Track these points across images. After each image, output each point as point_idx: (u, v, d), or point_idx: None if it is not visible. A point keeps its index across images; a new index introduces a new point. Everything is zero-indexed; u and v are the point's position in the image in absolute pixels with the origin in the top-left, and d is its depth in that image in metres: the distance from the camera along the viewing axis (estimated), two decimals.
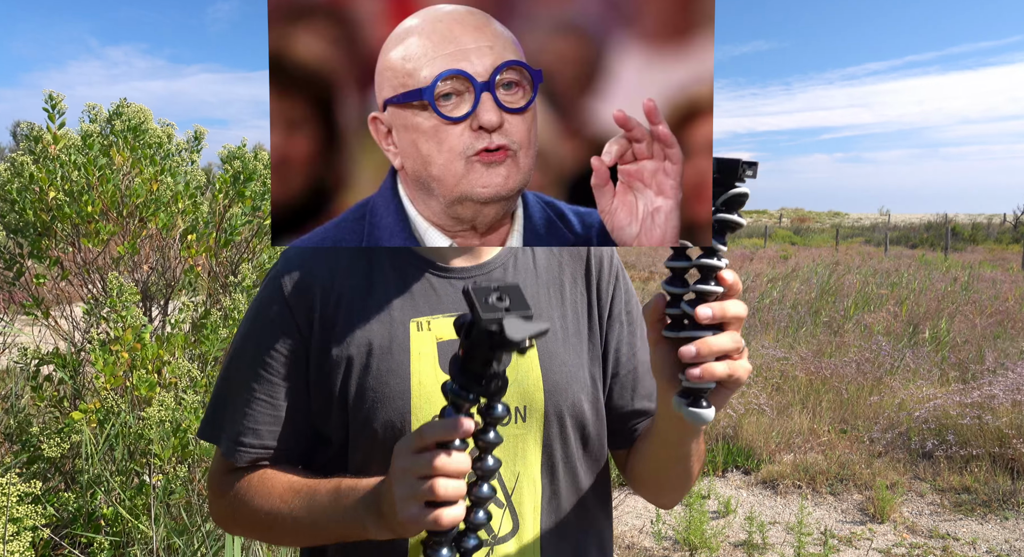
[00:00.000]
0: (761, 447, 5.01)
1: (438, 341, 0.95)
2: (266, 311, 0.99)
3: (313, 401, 0.97)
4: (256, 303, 1.01)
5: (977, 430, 4.84)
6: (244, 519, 0.97)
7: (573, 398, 0.99)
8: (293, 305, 0.97)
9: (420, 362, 0.94)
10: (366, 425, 0.92)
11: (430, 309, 0.96)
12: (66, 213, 2.88)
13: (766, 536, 3.84)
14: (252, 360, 0.98)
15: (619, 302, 1.07)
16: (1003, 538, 3.93)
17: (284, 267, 1.00)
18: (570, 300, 1.04)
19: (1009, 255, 21.61)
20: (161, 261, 3.19)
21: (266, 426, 0.96)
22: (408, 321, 0.95)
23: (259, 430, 0.96)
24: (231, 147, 3.28)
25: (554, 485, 0.99)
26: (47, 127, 2.96)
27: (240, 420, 0.97)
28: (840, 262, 15.70)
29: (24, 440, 2.61)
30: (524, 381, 0.97)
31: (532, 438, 0.97)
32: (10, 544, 1.95)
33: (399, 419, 0.91)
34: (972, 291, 10.62)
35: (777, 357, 6.66)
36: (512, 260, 1.03)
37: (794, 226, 44.02)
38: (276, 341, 0.97)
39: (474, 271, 1.00)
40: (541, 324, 0.66)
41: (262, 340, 0.98)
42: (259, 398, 0.97)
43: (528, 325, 0.65)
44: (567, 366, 1.00)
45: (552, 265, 1.05)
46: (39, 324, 3.13)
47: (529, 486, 0.97)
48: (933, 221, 36.79)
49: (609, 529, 1.09)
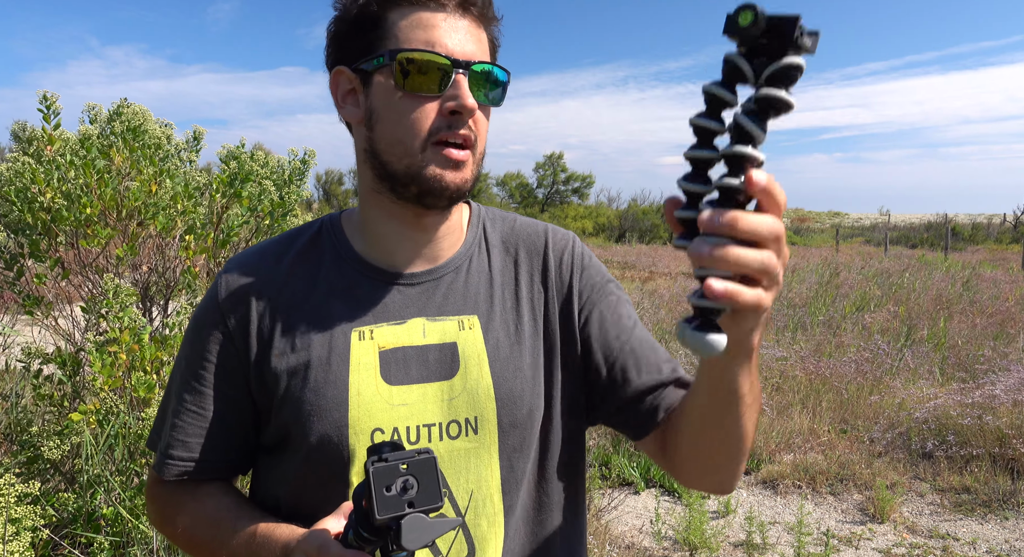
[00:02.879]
0: (761, 447, 5.01)
1: (380, 350, 0.91)
2: (200, 321, 0.97)
3: (254, 410, 0.95)
4: (194, 314, 0.99)
5: (977, 430, 4.84)
6: (169, 532, 0.98)
7: (530, 405, 0.94)
8: (227, 313, 0.94)
9: (359, 373, 0.90)
10: (303, 436, 0.89)
11: (374, 318, 0.93)
12: (64, 216, 2.88)
13: (766, 536, 3.84)
14: (185, 371, 0.97)
15: (587, 288, 1.01)
16: (1003, 538, 3.93)
17: (222, 275, 0.98)
18: (527, 299, 0.99)
19: (1009, 255, 21.61)
20: (160, 262, 3.19)
21: (195, 438, 0.95)
22: (350, 330, 0.92)
23: (188, 442, 0.95)
24: (230, 147, 3.28)
25: (516, 503, 0.94)
26: (42, 128, 2.95)
27: (170, 432, 0.96)
28: (840, 262, 15.69)
29: (23, 441, 2.61)
30: (474, 390, 0.92)
31: (487, 452, 0.91)
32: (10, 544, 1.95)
33: (336, 431, 0.88)
34: (972, 291, 10.61)
35: (777, 357, 6.66)
36: (466, 263, 0.99)
37: (794, 226, 44.00)
38: (208, 352, 0.95)
39: (424, 276, 0.96)
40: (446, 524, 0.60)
41: (194, 351, 0.96)
42: (189, 409, 0.95)
43: (431, 527, 0.59)
44: (521, 371, 0.94)
45: (508, 265, 1.01)
46: (39, 324, 3.13)
47: (486, 505, 0.91)
48: (933, 221, 36.77)
49: (581, 545, 1.04)
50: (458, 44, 0.86)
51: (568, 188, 42.89)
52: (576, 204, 41.12)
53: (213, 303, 0.96)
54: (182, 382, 0.96)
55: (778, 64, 0.52)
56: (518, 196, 43.25)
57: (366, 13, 0.89)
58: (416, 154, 0.87)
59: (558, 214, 36.52)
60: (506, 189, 43.70)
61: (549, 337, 0.99)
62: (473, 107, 0.86)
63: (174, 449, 0.95)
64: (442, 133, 0.86)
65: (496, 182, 43.41)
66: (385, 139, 0.89)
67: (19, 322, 4.73)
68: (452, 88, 0.86)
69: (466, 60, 0.86)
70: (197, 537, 0.94)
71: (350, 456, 0.88)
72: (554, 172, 42.86)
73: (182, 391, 0.96)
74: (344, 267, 0.96)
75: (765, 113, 0.54)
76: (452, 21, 0.87)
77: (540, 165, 43.15)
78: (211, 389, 0.94)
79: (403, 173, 0.89)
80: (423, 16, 0.87)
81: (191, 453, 0.95)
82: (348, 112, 0.94)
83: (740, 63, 0.54)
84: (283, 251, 0.99)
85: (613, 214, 37.81)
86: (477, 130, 0.89)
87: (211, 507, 0.95)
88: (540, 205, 41.65)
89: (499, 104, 0.93)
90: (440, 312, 0.95)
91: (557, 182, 42.89)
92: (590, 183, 42.71)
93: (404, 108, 0.87)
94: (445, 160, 0.87)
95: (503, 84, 0.92)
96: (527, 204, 41.87)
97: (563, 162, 42.92)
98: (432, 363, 0.92)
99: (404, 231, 0.95)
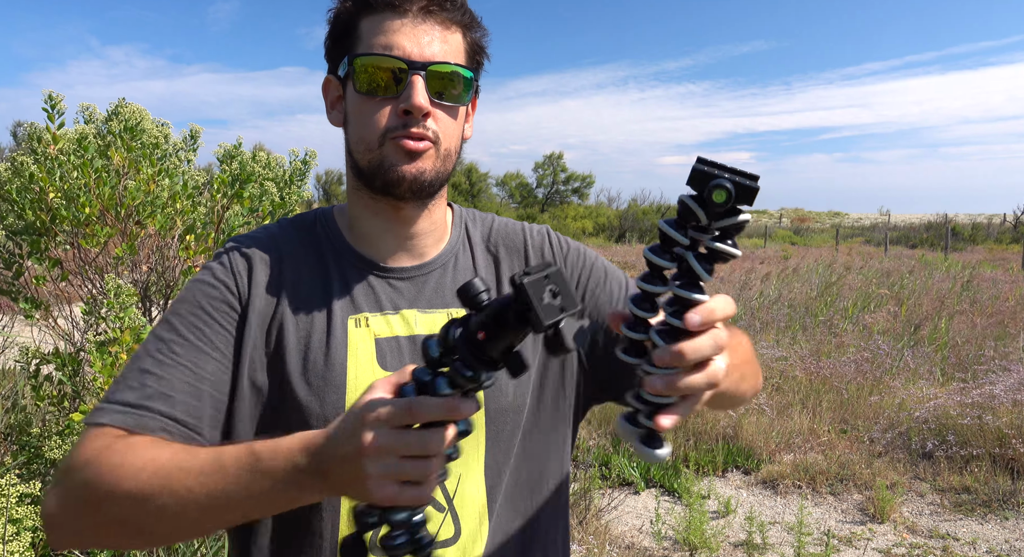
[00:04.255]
0: (761, 447, 5.01)
1: (376, 338, 0.94)
2: (207, 279, 0.94)
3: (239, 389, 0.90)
4: (196, 277, 0.97)
5: (977, 430, 4.84)
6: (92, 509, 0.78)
7: (515, 393, 0.97)
8: (228, 285, 0.94)
9: (357, 358, 0.93)
10: (300, 417, 0.89)
11: (368, 307, 0.96)
12: (63, 216, 2.88)
13: (766, 536, 3.84)
14: (183, 323, 0.90)
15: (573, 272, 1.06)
16: (1003, 538, 3.93)
17: (222, 251, 0.99)
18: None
19: (1009, 255, 21.61)
20: (160, 261, 3.19)
21: (181, 394, 0.85)
22: (347, 317, 0.95)
23: (173, 398, 0.84)
24: (227, 146, 3.27)
25: (498, 487, 0.97)
26: (46, 127, 2.96)
27: (152, 383, 0.85)
28: (840, 262, 15.70)
29: (23, 442, 2.61)
30: None
31: (473, 438, 0.94)
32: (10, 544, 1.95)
33: (333, 414, 0.89)
34: (972, 291, 10.61)
35: (777, 357, 6.66)
36: (453, 260, 1.03)
37: (794, 226, 44.03)
38: (211, 310, 0.91)
39: (413, 271, 1.00)
40: (583, 321, 0.62)
41: (198, 305, 0.92)
42: (182, 363, 0.87)
43: (574, 324, 0.60)
44: None
45: (489, 263, 1.05)
46: (39, 324, 3.13)
47: (472, 489, 0.95)
48: (933, 221, 36.79)
49: (562, 533, 1.06)
50: (417, 46, 0.90)
51: (568, 188, 42.87)
52: (576, 204, 41.10)
53: (224, 266, 0.96)
54: (175, 334, 0.89)
55: (734, 220, 0.61)
56: (518, 196, 43.23)
57: (341, 23, 0.95)
58: (375, 149, 0.92)
59: (558, 214, 36.50)
60: (506, 189, 43.69)
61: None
62: (422, 107, 0.89)
63: (153, 402, 0.84)
64: (397, 131, 0.91)
65: (496, 182, 43.41)
66: (353, 139, 0.96)
67: (18, 322, 4.73)
68: (406, 89, 0.90)
69: (424, 61, 0.90)
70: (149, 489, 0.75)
71: None
72: (554, 172, 42.85)
73: (172, 343, 0.88)
74: (338, 258, 0.99)
75: (713, 260, 0.63)
76: (414, 25, 0.91)
77: (540, 165, 43.14)
78: (209, 348, 0.89)
79: (367, 168, 0.94)
80: (386, 20, 0.91)
81: (172, 410, 0.84)
82: (334, 117, 1.01)
83: (695, 208, 0.61)
84: (282, 236, 1.01)
85: (613, 214, 37.81)
86: (438, 127, 0.93)
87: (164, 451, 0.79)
88: (540, 205, 41.63)
89: (463, 103, 0.96)
90: (430, 305, 0.99)
91: (557, 182, 42.88)
92: (590, 183, 42.70)
93: (365, 109, 0.93)
94: (399, 150, 0.91)
95: (466, 83, 0.95)
96: (527, 204, 41.86)
97: (563, 162, 42.91)
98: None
99: (386, 225, 0.99)
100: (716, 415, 5.21)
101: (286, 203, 3.32)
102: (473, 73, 0.96)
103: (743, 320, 8.34)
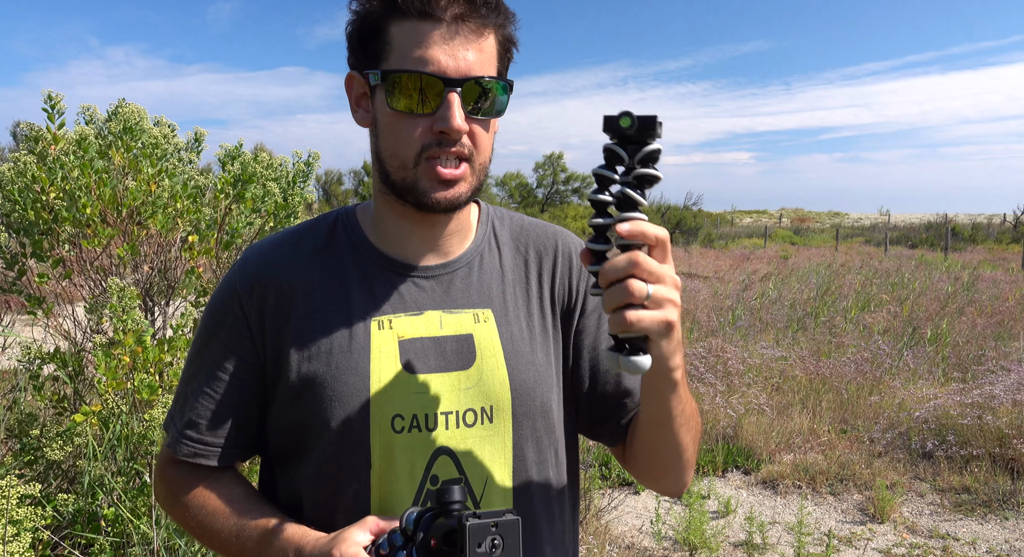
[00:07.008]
0: (761, 447, 5.01)
1: (400, 339, 0.94)
2: (218, 306, 1.00)
3: (269, 396, 0.98)
4: (211, 299, 1.02)
5: (977, 430, 4.84)
6: (179, 514, 1.00)
7: (542, 398, 0.97)
8: (245, 300, 0.97)
9: (380, 360, 0.93)
10: (324, 422, 0.91)
11: (392, 308, 0.96)
12: (64, 216, 2.89)
13: (766, 536, 3.84)
14: (201, 354, 1.00)
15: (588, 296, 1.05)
16: (1003, 538, 3.94)
17: (241, 263, 1.00)
18: (536, 298, 1.02)
19: (1009, 255, 21.61)
20: (162, 262, 3.19)
21: (204, 421, 0.97)
22: (369, 319, 0.94)
23: (199, 424, 0.97)
24: (228, 147, 3.28)
25: (523, 489, 0.97)
26: (47, 127, 2.96)
27: (186, 413, 0.98)
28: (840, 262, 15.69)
29: (24, 442, 2.61)
30: (490, 380, 0.95)
31: (500, 440, 0.95)
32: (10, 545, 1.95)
33: (357, 416, 0.91)
34: (972, 291, 10.61)
35: (776, 357, 6.66)
36: (478, 259, 1.02)
37: (794, 226, 44.02)
38: (225, 337, 0.97)
39: (438, 270, 0.99)
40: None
41: (211, 335, 0.99)
42: (205, 392, 0.98)
43: None
44: (535, 365, 0.98)
45: (518, 263, 1.04)
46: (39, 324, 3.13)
47: (498, 493, 0.95)
48: (933, 221, 36.77)
49: (573, 536, 1.08)
50: (452, 60, 0.86)
51: (568, 188, 42.82)
52: (576, 204, 41.03)
53: (231, 289, 0.98)
54: (199, 365, 0.99)
55: (648, 148, 0.74)
56: (518, 196, 43.20)
57: (368, 24, 0.91)
58: (409, 167, 0.90)
59: (558, 214, 36.48)
60: (506, 189, 43.65)
61: (556, 336, 1.03)
62: (461, 129, 0.87)
63: (188, 430, 0.97)
64: (433, 150, 0.89)
65: (496, 182, 43.33)
66: (384, 150, 0.93)
67: (19, 322, 4.73)
68: (443, 108, 0.87)
69: (460, 77, 0.87)
70: (205, 523, 0.96)
71: (370, 441, 0.91)
72: (554, 172, 42.82)
73: (199, 373, 0.99)
74: (360, 258, 0.98)
75: (642, 185, 0.75)
76: (449, 35, 0.87)
77: (540, 165, 43.08)
78: (227, 374, 0.97)
79: (399, 184, 0.92)
80: (419, 30, 0.87)
81: (200, 435, 0.97)
82: (360, 116, 0.98)
83: (618, 150, 0.75)
84: (300, 241, 1.01)
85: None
86: (474, 143, 0.90)
87: (223, 495, 0.97)
88: (540, 205, 41.60)
89: (499, 115, 0.94)
90: (455, 305, 0.98)
91: (557, 182, 42.84)
92: (590, 183, 42.53)
93: (398, 125, 0.90)
94: (436, 178, 0.89)
95: (503, 95, 0.92)
96: (527, 204, 41.82)
97: (563, 162, 42.86)
98: (449, 353, 0.95)
99: (413, 228, 0.98)
100: (716, 415, 5.22)
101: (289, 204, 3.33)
102: (507, 83, 0.92)
103: (743, 320, 8.34)
